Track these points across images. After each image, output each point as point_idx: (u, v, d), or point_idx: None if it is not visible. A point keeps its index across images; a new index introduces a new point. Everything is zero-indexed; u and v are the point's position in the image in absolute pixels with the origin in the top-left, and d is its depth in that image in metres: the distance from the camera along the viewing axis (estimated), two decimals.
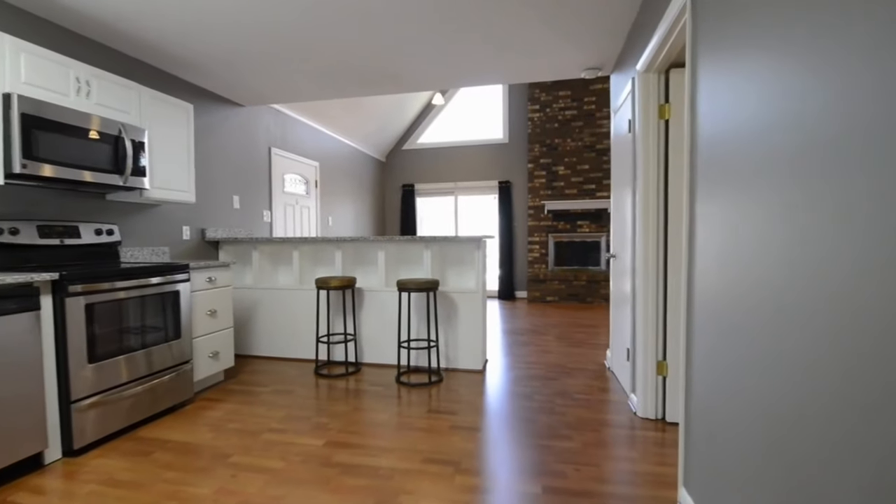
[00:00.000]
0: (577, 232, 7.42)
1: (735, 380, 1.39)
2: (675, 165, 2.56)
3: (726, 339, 1.48)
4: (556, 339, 4.69)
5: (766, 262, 1.16)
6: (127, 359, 2.49)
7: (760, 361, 1.19)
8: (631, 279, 2.93)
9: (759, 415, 1.19)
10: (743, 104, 1.32)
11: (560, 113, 7.39)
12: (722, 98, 1.48)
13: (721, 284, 1.56)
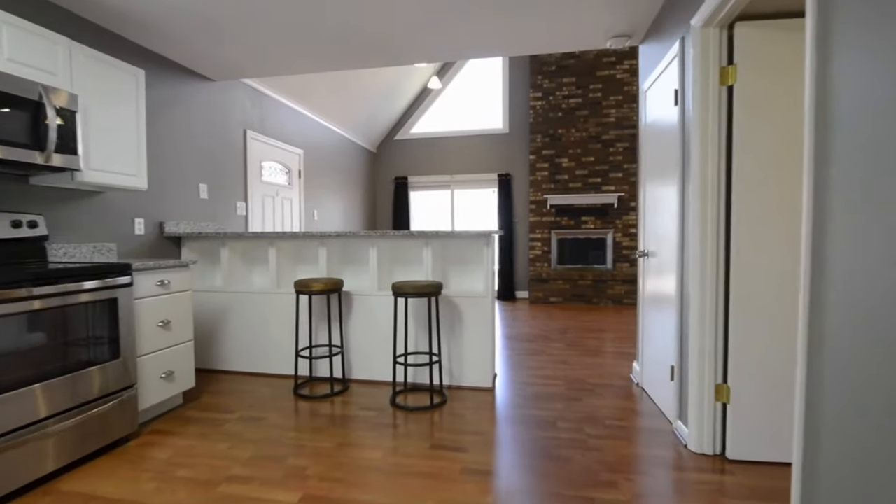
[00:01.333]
0: (582, 228, 6.93)
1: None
2: (744, 142, 2.05)
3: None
4: (568, 347, 4.18)
5: None
6: (44, 388, 1.91)
7: None
8: (678, 283, 2.42)
9: None
10: None
11: (564, 101, 6.89)
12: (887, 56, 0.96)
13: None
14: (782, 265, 2.05)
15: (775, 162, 2.03)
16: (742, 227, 2.07)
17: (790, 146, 2.02)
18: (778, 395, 2.08)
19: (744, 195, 2.06)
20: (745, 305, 2.07)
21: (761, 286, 2.06)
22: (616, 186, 6.81)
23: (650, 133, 2.95)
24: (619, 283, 6.55)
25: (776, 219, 2.04)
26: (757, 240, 2.06)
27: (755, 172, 2.04)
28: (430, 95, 7.50)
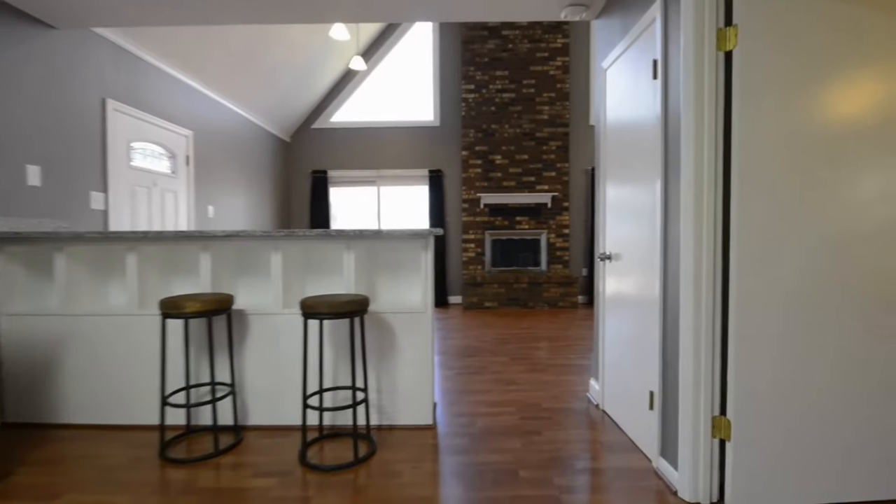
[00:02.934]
0: (517, 229, 6.60)
1: None
2: (747, 124, 1.65)
3: None
4: (513, 362, 3.72)
5: None
6: None
7: None
8: (660, 295, 2.00)
9: None
10: None
11: (497, 95, 6.51)
12: None
13: None
14: (795, 276, 1.69)
15: (786, 150, 1.66)
16: (745, 230, 1.68)
17: (805, 128, 1.66)
18: (789, 430, 1.72)
19: (747, 192, 1.67)
20: (748, 323, 1.69)
21: (767, 300, 1.68)
22: (549, 186, 6.57)
23: (613, 120, 2.54)
24: (555, 286, 6.30)
25: (788, 221, 1.68)
26: (764, 246, 1.68)
27: (761, 163, 1.66)
28: (354, 80, 6.74)
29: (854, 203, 1.68)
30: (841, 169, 1.67)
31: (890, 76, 1.67)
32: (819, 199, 1.68)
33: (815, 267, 1.68)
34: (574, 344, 4.30)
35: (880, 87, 1.67)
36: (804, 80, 1.65)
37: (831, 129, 1.66)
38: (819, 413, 1.72)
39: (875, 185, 1.68)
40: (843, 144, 1.67)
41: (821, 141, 1.66)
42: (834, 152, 1.67)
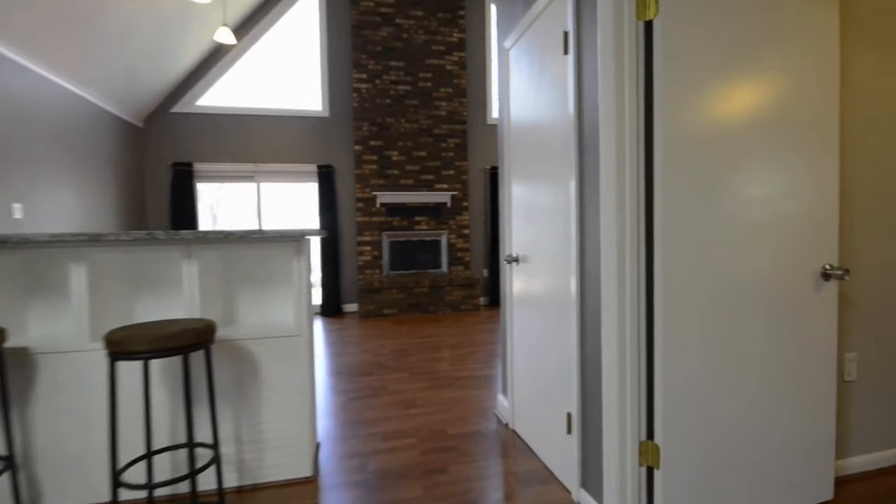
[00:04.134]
0: (416, 230, 6.25)
1: None
2: (669, 106, 1.44)
3: None
4: (413, 378, 3.32)
5: None
6: None
7: None
8: (578, 300, 1.75)
9: None
10: None
11: (392, 87, 6.09)
12: None
13: None
14: (728, 282, 1.52)
15: (714, 134, 1.49)
16: (670, 229, 1.47)
17: (734, 109, 1.50)
18: (723, 456, 1.55)
19: (671, 187, 1.46)
20: (675, 336, 1.48)
21: (693, 305, 1.49)
22: (449, 185, 6.33)
23: (519, 109, 2.27)
24: (457, 288, 6.06)
25: (715, 216, 1.50)
26: (694, 249, 1.49)
27: (685, 150, 1.46)
28: (225, 58, 5.82)
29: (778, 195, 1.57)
30: (767, 159, 1.54)
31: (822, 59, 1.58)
32: (748, 191, 1.53)
33: (741, 267, 1.53)
34: (478, 351, 4.04)
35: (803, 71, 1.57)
36: (733, 54, 1.49)
37: (761, 113, 1.53)
38: (745, 429, 1.57)
39: (798, 176, 1.58)
40: (771, 132, 1.54)
41: (748, 124, 1.52)
42: (758, 139, 1.53)
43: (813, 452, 1.67)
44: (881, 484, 1.84)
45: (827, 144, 1.62)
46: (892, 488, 1.81)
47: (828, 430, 1.69)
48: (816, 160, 1.60)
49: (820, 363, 1.66)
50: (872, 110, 1.89)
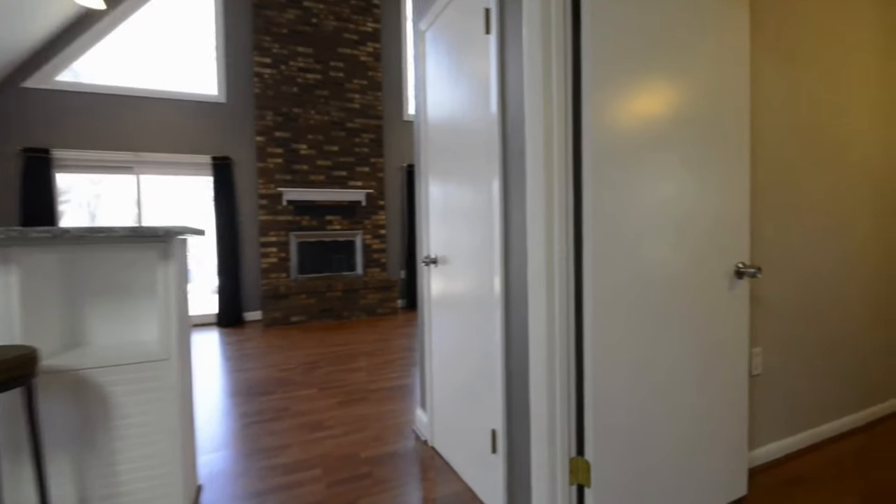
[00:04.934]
0: (328, 230, 5.83)
1: None
2: (597, 94, 1.32)
3: None
4: (322, 394, 2.99)
5: None
6: None
7: None
8: (502, 305, 1.58)
9: None
10: None
11: (300, 75, 5.62)
12: None
13: None
14: (654, 282, 1.44)
15: (641, 128, 1.39)
16: (599, 231, 1.35)
17: (662, 103, 1.42)
18: (650, 465, 1.47)
19: (599, 183, 1.34)
20: (605, 342, 1.37)
21: (624, 313, 1.39)
22: (363, 182, 5.99)
23: (436, 97, 2.06)
24: (372, 291, 5.74)
25: (646, 218, 1.41)
26: (622, 249, 1.38)
27: (614, 144, 1.35)
28: (95, 28, 4.92)
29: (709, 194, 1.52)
30: (688, 156, 1.49)
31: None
32: (671, 189, 1.46)
33: (665, 267, 1.46)
34: (397, 358, 3.79)
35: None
36: (658, 43, 1.40)
37: (683, 108, 1.47)
38: (669, 434, 1.51)
39: (724, 175, 1.56)
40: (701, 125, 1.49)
41: (671, 120, 1.45)
42: (681, 134, 1.48)
43: (729, 451, 1.67)
44: (786, 471, 1.92)
45: (740, 144, 1.62)
46: (795, 474, 1.89)
47: (742, 426, 1.70)
48: (730, 159, 1.60)
49: (734, 360, 1.67)
50: (775, 114, 1.97)
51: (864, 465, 1.96)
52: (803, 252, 2.10)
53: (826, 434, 2.21)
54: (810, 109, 2.09)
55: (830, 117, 2.17)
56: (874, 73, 2.33)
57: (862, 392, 2.36)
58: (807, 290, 2.12)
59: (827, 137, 2.16)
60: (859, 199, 2.31)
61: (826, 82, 2.14)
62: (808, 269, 2.12)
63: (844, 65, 2.20)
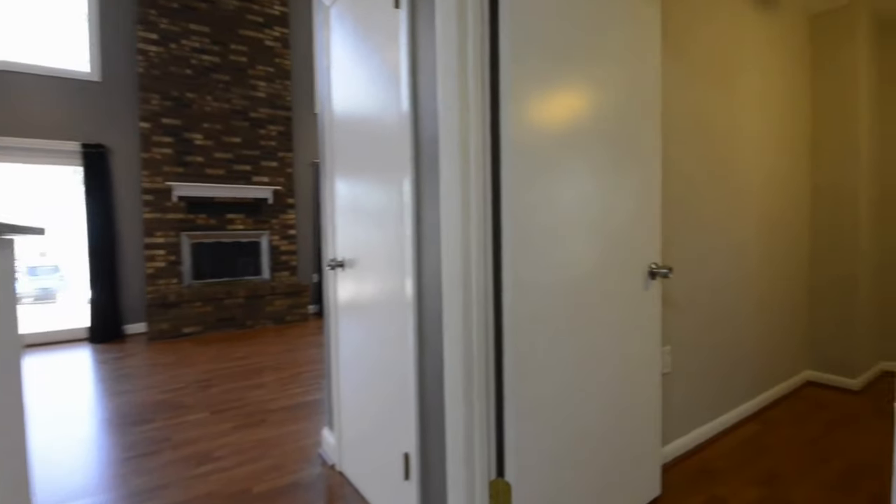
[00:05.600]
0: (228, 230, 5.27)
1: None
2: (518, 79, 1.21)
3: None
4: (214, 417, 2.61)
5: None
6: None
7: None
8: (415, 315, 1.41)
9: None
10: None
11: (194, 56, 5.02)
12: None
13: None
14: (572, 284, 1.35)
15: (571, 121, 1.30)
16: (519, 235, 1.24)
17: (580, 98, 1.34)
18: (571, 480, 1.38)
19: (519, 183, 1.23)
20: (524, 350, 1.26)
21: (544, 318, 1.30)
22: (270, 178, 5.51)
23: (342, 81, 1.84)
24: (281, 297, 5.29)
25: (565, 219, 1.33)
26: (543, 251, 1.28)
27: (534, 140, 1.25)
28: None
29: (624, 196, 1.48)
30: (607, 155, 1.44)
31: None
32: (590, 188, 1.39)
33: (583, 269, 1.39)
34: (304, 371, 3.47)
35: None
36: (576, 38, 1.32)
37: (600, 107, 1.40)
38: (590, 443, 1.45)
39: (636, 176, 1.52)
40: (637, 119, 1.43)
41: (589, 117, 1.38)
42: (599, 132, 1.42)
43: (645, 453, 1.66)
44: (694, 464, 1.98)
45: (653, 146, 1.61)
46: (702, 467, 1.95)
47: (656, 426, 1.70)
48: (644, 161, 1.58)
49: (649, 360, 1.66)
50: (678, 119, 2.03)
51: (760, 452, 2.09)
52: (705, 255, 2.20)
53: (727, 423, 2.34)
54: (705, 124, 2.19)
55: (723, 133, 2.30)
56: (759, 93, 2.53)
57: (752, 382, 2.54)
58: (707, 290, 2.23)
59: (720, 154, 2.28)
60: (744, 212, 2.48)
61: (720, 101, 2.26)
62: (707, 271, 2.23)
63: (736, 86, 2.35)
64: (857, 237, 2.83)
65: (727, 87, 2.29)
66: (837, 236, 2.90)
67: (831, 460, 2.00)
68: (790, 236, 2.83)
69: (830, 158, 2.93)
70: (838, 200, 2.89)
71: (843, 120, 2.86)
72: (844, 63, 2.85)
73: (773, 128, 2.65)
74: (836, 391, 2.84)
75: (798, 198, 2.90)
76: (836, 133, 2.90)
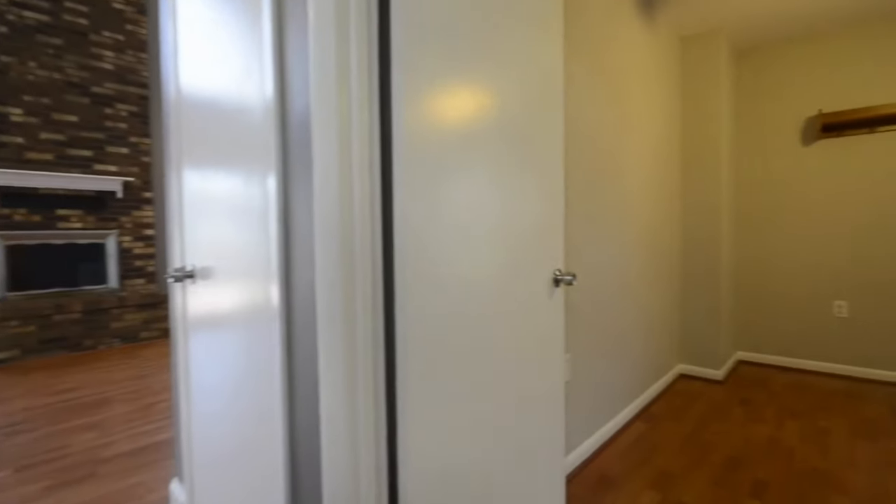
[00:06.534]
0: (59, 229, 4.26)
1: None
2: (415, 70, 0.98)
3: None
4: (20, 476, 1.96)
5: None
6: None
7: None
8: (281, 329, 1.10)
9: None
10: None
11: (12, 10, 3.97)
12: None
13: None
14: (475, 296, 1.16)
15: (473, 117, 1.10)
16: (412, 239, 1.01)
17: (482, 93, 1.14)
18: None
19: (412, 183, 1.00)
20: (421, 372, 1.03)
21: (442, 338, 1.08)
22: (120, 167, 4.60)
23: (195, 56, 1.44)
24: (132, 310, 4.42)
25: (466, 223, 1.12)
26: (441, 260, 1.07)
27: (433, 139, 1.03)
28: None
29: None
30: (510, 155, 1.27)
31: None
32: (492, 191, 1.22)
33: (485, 278, 1.22)
34: (156, 402, 2.85)
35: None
36: (474, 25, 1.13)
37: (505, 103, 1.23)
38: (495, 476, 1.27)
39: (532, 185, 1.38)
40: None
41: (491, 114, 1.20)
42: (500, 131, 1.25)
43: (550, 472, 1.55)
44: (593, 472, 1.93)
45: (556, 147, 1.51)
46: (601, 475, 1.91)
47: (560, 441, 1.60)
48: (548, 162, 1.47)
49: (554, 370, 1.55)
50: (575, 130, 1.98)
51: (650, 451, 2.13)
52: (599, 262, 2.20)
53: (619, 423, 2.37)
54: (600, 130, 2.20)
55: (615, 139, 2.34)
56: (643, 110, 2.64)
57: (637, 380, 2.64)
58: (601, 294, 2.23)
59: (609, 166, 2.31)
60: (631, 221, 2.57)
61: (611, 116, 2.30)
62: (600, 276, 2.23)
63: (625, 102, 2.41)
64: (720, 244, 3.13)
65: (618, 103, 2.33)
66: (704, 243, 3.19)
67: (711, 454, 2.11)
68: (666, 243, 3.03)
69: (698, 175, 3.20)
70: (705, 212, 3.18)
71: (709, 138, 3.15)
72: (709, 81, 3.14)
73: (652, 143, 2.79)
74: (703, 382, 3.11)
75: (672, 209, 3.12)
76: (704, 149, 3.18)
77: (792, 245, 3.37)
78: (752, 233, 3.53)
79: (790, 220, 3.37)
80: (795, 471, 1.94)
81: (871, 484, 1.83)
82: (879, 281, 3.05)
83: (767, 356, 3.48)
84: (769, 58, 3.40)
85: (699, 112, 3.19)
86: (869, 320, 3.09)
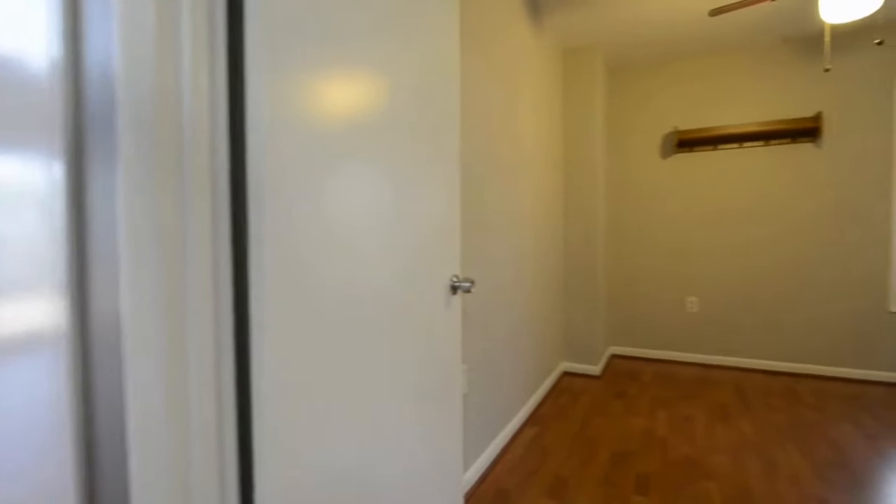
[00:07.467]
0: None
1: None
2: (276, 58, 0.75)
3: None
4: None
5: None
6: None
7: None
8: (70, 360, 0.77)
9: None
10: None
11: None
12: None
13: None
14: (380, 313, 0.95)
15: (357, 111, 0.89)
16: (279, 248, 0.78)
17: (368, 84, 0.94)
18: None
19: (276, 182, 0.78)
20: (287, 412, 0.81)
21: (315, 364, 0.87)
22: None
23: None
24: None
25: (347, 228, 0.91)
26: (322, 268, 0.85)
27: (300, 127, 0.81)
28: None
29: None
30: (400, 156, 1.10)
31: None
32: (381, 193, 1.03)
33: (373, 287, 1.03)
34: None
35: None
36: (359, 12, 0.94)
37: (396, 98, 1.05)
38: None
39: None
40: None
41: (381, 108, 1.02)
42: (389, 129, 1.07)
43: (452, 497, 1.40)
44: (490, 487, 1.84)
45: (451, 145, 1.38)
46: (498, 488, 1.83)
47: (459, 459, 1.47)
48: (443, 161, 1.33)
49: (452, 384, 1.41)
50: (467, 129, 1.89)
51: (542, 455, 2.12)
52: (490, 263, 2.14)
53: (512, 430, 2.34)
54: (491, 128, 2.15)
55: (507, 143, 2.31)
56: (534, 117, 2.67)
57: (527, 384, 2.65)
58: (495, 299, 2.17)
59: (505, 165, 2.28)
60: (522, 226, 2.58)
61: (506, 121, 2.26)
62: (494, 279, 2.17)
63: (517, 106, 2.40)
64: (597, 245, 3.33)
65: (510, 103, 2.31)
66: (583, 245, 3.37)
67: (598, 451, 2.17)
68: (551, 244, 3.13)
69: (579, 183, 3.38)
70: (585, 215, 3.36)
71: (588, 147, 3.34)
72: (587, 93, 3.33)
73: (541, 147, 2.85)
74: (584, 378, 3.27)
75: (556, 212, 3.24)
76: (583, 157, 3.36)
77: (653, 248, 3.74)
78: (621, 236, 3.84)
79: (652, 225, 3.74)
80: (670, 461, 2.07)
81: (732, 466, 2.02)
82: (722, 279, 3.52)
83: (635, 349, 3.81)
84: (637, 75, 3.74)
85: (579, 121, 3.37)
86: (714, 314, 3.54)
